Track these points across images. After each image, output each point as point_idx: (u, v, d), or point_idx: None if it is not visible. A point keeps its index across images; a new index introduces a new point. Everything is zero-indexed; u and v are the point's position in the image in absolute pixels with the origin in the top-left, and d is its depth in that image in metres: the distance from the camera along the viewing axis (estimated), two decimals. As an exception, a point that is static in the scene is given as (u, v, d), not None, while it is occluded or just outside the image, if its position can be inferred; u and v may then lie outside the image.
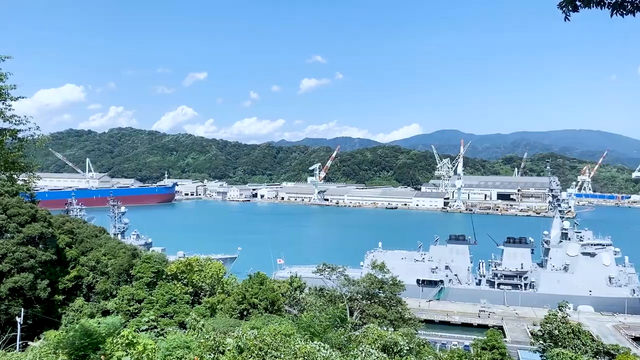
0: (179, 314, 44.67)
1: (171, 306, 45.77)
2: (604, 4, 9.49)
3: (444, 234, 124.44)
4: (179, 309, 45.48)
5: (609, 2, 9.45)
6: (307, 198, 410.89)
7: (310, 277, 72.51)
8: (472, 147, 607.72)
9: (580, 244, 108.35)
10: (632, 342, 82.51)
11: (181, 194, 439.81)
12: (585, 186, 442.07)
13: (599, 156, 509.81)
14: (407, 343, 29.24)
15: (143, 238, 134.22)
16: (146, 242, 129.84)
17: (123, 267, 51.09)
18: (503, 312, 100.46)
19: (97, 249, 55.37)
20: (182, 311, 44.92)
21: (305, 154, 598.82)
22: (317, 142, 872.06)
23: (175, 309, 45.49)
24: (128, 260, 51.50)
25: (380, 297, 60.02)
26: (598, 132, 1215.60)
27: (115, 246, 56.43)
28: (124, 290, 47.33)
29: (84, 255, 54.16)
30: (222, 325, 32.35)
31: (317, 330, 28.02)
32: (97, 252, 54.48)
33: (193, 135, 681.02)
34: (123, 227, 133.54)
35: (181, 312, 44.69)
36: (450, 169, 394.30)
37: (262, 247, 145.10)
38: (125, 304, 46.11)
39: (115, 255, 53.81)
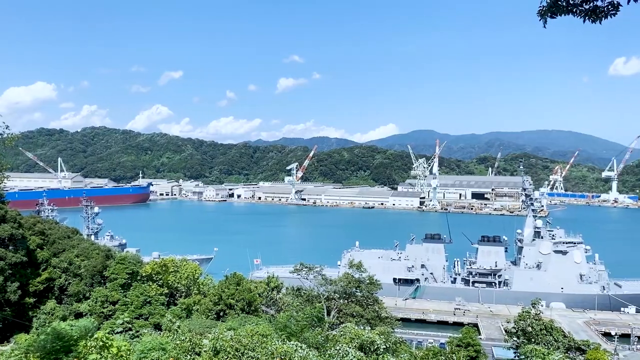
0: (154, 315, 44.11)
1: (146, 308, 45.16)
2: (578, 12, 9.76)
3: (420, 233, 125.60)
4: (154, 310, 44.91)
5: (582, 10, 9.72)
6: (284, 198, 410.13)
7: (288, 277, 72.40)
8: (447, 147, 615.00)
9: (553, 242, 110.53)
10: (602, 338, 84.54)
11: (156, 194, 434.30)
12: (557, 185, 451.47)
13: (570, 156, 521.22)
14: (384, 342, 29.41)
15: (117, 239, 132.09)
16: (120, 243, 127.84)
17: (96, 268, 50.20)
18: (478, 310, 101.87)
19: (69, 250, 54.26)
20: (157, 313, 44.38)
21: (282, 154, 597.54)
22: (294, 142, 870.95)
23: (150, 311, 44.90)
24: (102, 261, 50.63)
25: (357, 296, 60.27)
26: (569, 133, 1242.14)
27: (89, 247, 55.41)
28: (98, 292, 46.52)
29: (56, 257, 53.00)
30: (198, 327, 32.04)
31: (294, 330, 27.99)
32: (69, 254, 53.38)
33: (168, 135, 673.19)
34: (96, 227, 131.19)
35: (156, 314, 44.15)
36: (426, 169, 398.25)
37: (238, 247, 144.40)
38: (99, 306, 45.33)
39: (88, 256, 52.83)
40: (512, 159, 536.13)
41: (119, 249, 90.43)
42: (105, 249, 55.61)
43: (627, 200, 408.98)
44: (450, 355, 32.63)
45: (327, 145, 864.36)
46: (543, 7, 9.93)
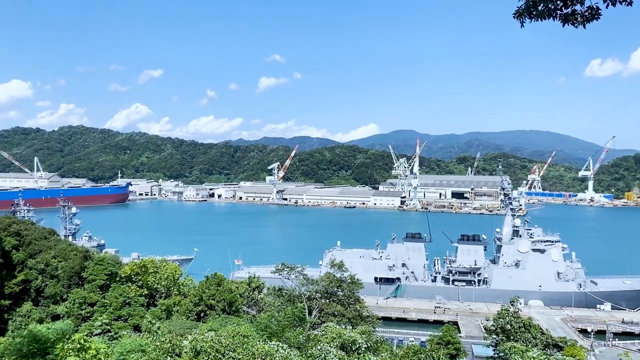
0: (133, 316, 43.61)
1: (125, 309, 44.62)
2: (557, 15, 9.88)
3: (401, 232, 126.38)
4: (134, 311, 44.40)
5: (561, 14, 9.85)
6: (266, 197, 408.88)
7: (269, 277, 72.18)
8: (428, 147, 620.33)
9: (531, 240, 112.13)
10: (579, 334, 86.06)
11: (135, 194, 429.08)
12: (535, 185, 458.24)
13: (547, 156, 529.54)
14: (365, 341, 29.53)
15: (95, 239, 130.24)
16: (99, 244, 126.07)
17: (74, 269, 49.42)
18: (458, 308, 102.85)
19: (46, 252, 53.32)
20: (136, 314, 43.89)
21: (263, 153, 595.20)
22: (275, 142, 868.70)
23: (129, 312, 44.38)
24: (79, 262, 49.86)
25: (338, 296, 60.42)
26: (547, 133, 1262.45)
27: (66, 248, 54.51)
28: (75, 293, 45.80)
29: (32, 258, 52.03)
30: (178, 328, 31.77)
31: (276, 330, 27.93)
32: (46, 255, 52.45)
33: (148, 134, 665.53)
34: (74, 228, 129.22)
35: (136, 315, 43.66)
36: (407, 169, 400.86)
37: (219, 247, 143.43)
38: (77, 307, 44.64)
39: (65, 257, 51.97)
40: (491, 158, 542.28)
41: (97, 250, 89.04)
42: (83, 250, 54.79)
43: (603, 199, 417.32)
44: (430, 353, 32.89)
45: (309, 145, 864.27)
46: (520, 9, 10.04)
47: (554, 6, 9.77)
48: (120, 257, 73.38)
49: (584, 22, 9.89)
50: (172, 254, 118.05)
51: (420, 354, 32.16)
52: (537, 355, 22.90)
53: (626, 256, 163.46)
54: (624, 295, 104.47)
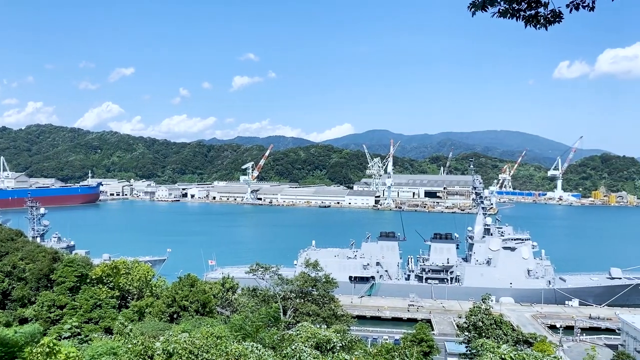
0: (104, 319, 42.87)
1: (96, 311, 43.82)
2: (519, 16, 10.12)
3: (375, 231, 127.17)
4: (105, 314, 43.64)
5: (524, 15, 10.10)
6: (240, 197, 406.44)
7: (243, 277, 71.79)
8: (401, 147, 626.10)
9: (502, 239, 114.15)
10: (548, 330, 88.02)
11: (106, 194, 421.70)
12: (505, 184, 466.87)
13: (518, 155, 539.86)
14: (340, 340, 29.64)
15: (65, 241, 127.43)
16: (68, 245, 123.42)
17: (43, 271, 48.29)
18: (431, 306, 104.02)
19: (13, 253, 51.95)
20: (108, 316, 43.15)
21: (237, 153, 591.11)
22: (249, 141, 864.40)
23: (100, 314, 43.60)
24: (48, 264, 48.75)
25: (313, 295, 60.50)
26: (517, 133, 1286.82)
27: (34, 250, 53.22)
28: (44, 296, 44.76)
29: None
30: (151, 330, 31.36)
31: (250, 331, 27.82)
32: (13, 257, 51.10)
33: (119, 133, 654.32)
34: (42, 229, 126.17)
35: (107, 317, 42.93)
36: (381, 168, 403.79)
37: (192, 248, 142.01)
38: (45, 310, 43.64)
39: (33, 259, 50.73)
40: (462, 158, 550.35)
41: (66, 251, 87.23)
42: (52, 252, 53.59)
43: (571, 198, 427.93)
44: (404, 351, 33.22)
45: (283, 145, 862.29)
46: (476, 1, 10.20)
47: (518, 7, 10.01)
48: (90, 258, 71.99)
49: (546, 25, 10.17)
50: (145, 255, 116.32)
51: (393, 352, 32.45)
52: (507, 351, 23.37)
53: (593, 253, 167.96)
54: (591, 291, 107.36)
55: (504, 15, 10.14)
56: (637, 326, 73.80)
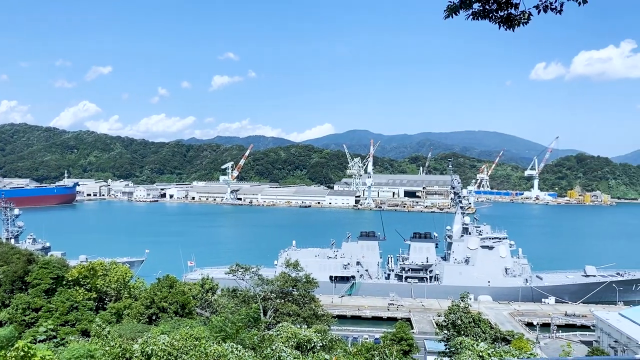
0: (81, 321, 42.19)
1: (73, 314, 43.11)
2: (493, 17, 10.33)
3: (356, 230, 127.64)
4: (82, 316, 42.96)
5: (497, 16, 10.31)
6: (219, 197, 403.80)
7: (223, 278, 71.36)
8: (381, 147, 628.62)
9: (480, 238, 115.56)
10: (525, 328, 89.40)
11: (83, 194, 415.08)
12: (483, 184, 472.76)
13: (495, 155, 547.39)
14: (320, 339, 29.67)
15: (40, 242, 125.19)
16: (44, 247, 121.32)
17: (17, 273, 47.28)
18: (410, 305, 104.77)
19: (-14, 256, 50.74)
20: (85, 318, 42.48)
21: (217, 153, 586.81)
22: (229, 141, 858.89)
23: (77, 317, 42.90)
24: (23, 266, 47.76)
25: (294, 295, 60.41)
26: (495, 133, 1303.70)
27: (8, 252, 52.09)
28: (19, 298, 43.85)
29: (-29, 263, 49.42)
30: (129, 332, 30.97)
31: (230, 332, 27.65)
32: (-14, 259, 49.92)
33: (96, 133, 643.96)
34: (17, 230, 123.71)
35: (84, 320, 42.26)
36: (361, 168, 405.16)
37: (171, 249, 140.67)
38: (20, 313, 42.75)
39: (7, 261, 49.65)
40: (441, 158, 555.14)
41: (42, 253, 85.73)
42: (26, 253, 52.52)
43: (547, 197, 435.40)
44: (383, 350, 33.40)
45: (264, 144, 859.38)
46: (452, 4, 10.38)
47: (490, 8, 10.22)
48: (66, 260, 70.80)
49: (515, 26, 10.43)
50: (122, 256, 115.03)
51: (373, 351, 32.60)
52: (484, 348, 23.67)
53: (568, 252, 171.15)
54: (566, 289, 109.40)
55: (477, 17, 10.35)
56: (611, 323, 75.46)
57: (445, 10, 10.38)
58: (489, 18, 10.40)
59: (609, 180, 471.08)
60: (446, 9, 10.37)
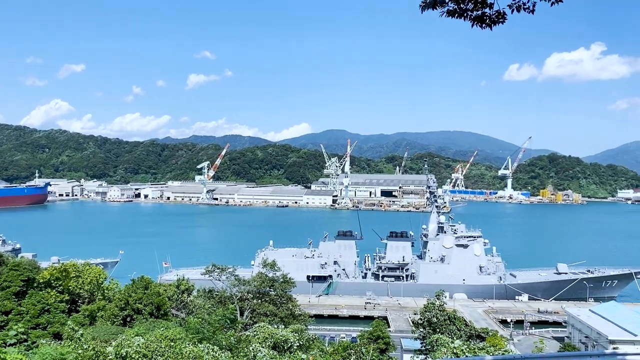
0: (53, 324, 41.34)
1: (44, 316, 42.19)
2: (466, 15, 10.50)
3: (333, 230, 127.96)
4: (54, 319, 42.09)
5: (471, 15, 10.48)
6: (195, 197, 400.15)
7: (199, 278, 70.75)
8: (358, 147, 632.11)
9: (455, 236, 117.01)
10: (499, 325, 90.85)
11: (55, 194, 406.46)
12: (458, 183, 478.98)
13: (470, 155, 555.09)
14: (298, 339, 29.66)
15: (10, 244, 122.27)
16: (14, 248, 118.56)
17: (-15, 276, 46.03)
18: (387, 303, 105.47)
19: (-47, 258, 49.31)
20: (57, 321, 41.64)
21: (192, 152, 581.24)
22: (205, 140, 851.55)
23: (49, 319, 42.01)
24: (-8, 268, 46.53)
25: (271, 295, 60.24)
26: (470, 133, 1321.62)
27: (-24, 254, 50.67)
28: (-13, 302, 42.71)
29: (-63, 265, 47.97)
30: (103, 334, 30.48)
31: (207, 333, 27.45)
32: (-47, 261, 48.52)
33: (68, 132, 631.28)
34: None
35: (56, 322, 41.41)
36: (338, 168, 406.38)
37: (146, 249, 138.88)
38: (-11, 317, 41.64)
39: (-25, 263, 48.32)
40: (417, 158, 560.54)
41: (12, 255, 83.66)
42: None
43: (521, 196, 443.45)
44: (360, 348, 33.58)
45: (240, 144, 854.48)
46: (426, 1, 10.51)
47: (465, 7, 10.39)
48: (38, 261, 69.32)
49: (490, 25, 10.63)
50: (96, 257, 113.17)
51: (349, 350, 32.75)
52: (457, 345, 24.01)
53: (541, 250, 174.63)
54: (539, 286, 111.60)
55: (452, 14, 10.50)
56: (581, 319, 77.25)
57: (421, 4, 10.49)
58: (463, 17, 10.56)
59: (579, 179, 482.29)
60: (422, 3, 10.47)
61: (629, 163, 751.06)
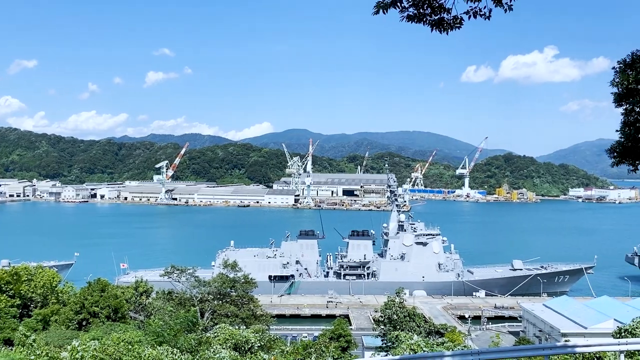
0: (3, 329, 39.75)
1: (-6, 322, 40.50)
2: (426, 20, 10.74)
3: (295, 229, 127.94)
4: (4, 324, 40.47)
5: (430, 20, 10.72)
6: (154, 197, 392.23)
7: (158, 280, 69.45)
8: (320, 146, 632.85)
9: (414, 234, 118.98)
10: (458, 321, 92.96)
11: (5, 195, 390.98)
12: (417, 182, 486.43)
13: (429, 155, 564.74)
14: (259, 340, 29.56)
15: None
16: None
17: None
18: (349, 302, 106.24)
19: None
20: (7, 326, 40.05)
21: (150, 151, 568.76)
22: (164, 139, 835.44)
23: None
24: (-64, 273, 44.37)
25: (232, 296, 59.71)
26: (429, 134, 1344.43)
27: None
28: None
29: None
30: (57, 339, 29.58)
31: (167, 336, 26.99)
32: None
33: (19, 130, 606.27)
34: None
35: (7, 328, 39.83)
36: (300, 167, 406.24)
37: (102, 251, 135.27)
38: None
39: None
40: (378, 157, 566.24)
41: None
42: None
43: (477, 195, 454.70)
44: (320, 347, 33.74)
45: (200, 143, 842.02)
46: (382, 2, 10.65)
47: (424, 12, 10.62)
48: (-14, 265, 66.43)
49: (448, 30, 10.91)
50: (49, 260, 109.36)
51: (310, 349, 32.86)
52: (415, 341, 24.47)
53: (497, 247, 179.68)
54: (496, 282, 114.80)
55: (411, 19, 10.71)
56: (535, 313, 79.95)
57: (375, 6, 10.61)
58: (422, 21, 10.77)
59: (534, 178, 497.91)
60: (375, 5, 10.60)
61: (579, 162, 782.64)
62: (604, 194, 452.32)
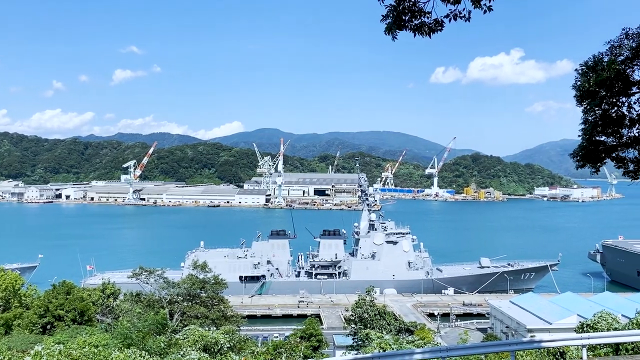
0: (-38, 336, 38.36)
1: (-48, 328, 39.09)
2: (408, 27, 10.91)
3: (266, 229, 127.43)
4: (-37, 330, 39.09)
5: (412, 25, 10.88)
6: (121, 198, 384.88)
7: (126, 282, 68.23)
8: (291, 146, 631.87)
9: (385, 233, 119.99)
10: (427, 318, 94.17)
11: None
12: (388, 181, 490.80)
13: (399, 155, 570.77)
14: (228, 341, 29.36)
15: None
16: None
17: None
18: (320, 301, 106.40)
19: None
20: (-34, 332, 38.69)
21: (118, 151, 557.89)
22: (131, 138, 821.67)
23: (-43, 331, 38.95)
24: None
25: (202, 297, 59.04)
26: (399, 134, 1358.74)
27: None
28: None
29: None
30: (20, 343, 28.71)
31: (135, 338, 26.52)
32: None
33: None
34: None
35: (-34, 334, 38.46)
36: (272, 167, 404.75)
37: (68, 253, 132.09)
38: None
39: None
40: (349, 157, 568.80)
41: None
42: None
43: (446, 194, 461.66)
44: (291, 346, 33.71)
45: (169, 142, 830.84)
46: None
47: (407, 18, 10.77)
48: (-56, 268, 63.87)
49: (429, 33, 11.06)
50: (12, 262, 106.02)
51: (280, 348, 32.80)
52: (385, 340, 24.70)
53: (465, 245, 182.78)
54: (464, 280, 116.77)
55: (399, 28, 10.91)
56: (502, 310, 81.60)
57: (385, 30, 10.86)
58: (404, 27, 10.96)
59: (500, 178, 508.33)
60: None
61: (544, 162, 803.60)
62: (568, 193, 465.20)
